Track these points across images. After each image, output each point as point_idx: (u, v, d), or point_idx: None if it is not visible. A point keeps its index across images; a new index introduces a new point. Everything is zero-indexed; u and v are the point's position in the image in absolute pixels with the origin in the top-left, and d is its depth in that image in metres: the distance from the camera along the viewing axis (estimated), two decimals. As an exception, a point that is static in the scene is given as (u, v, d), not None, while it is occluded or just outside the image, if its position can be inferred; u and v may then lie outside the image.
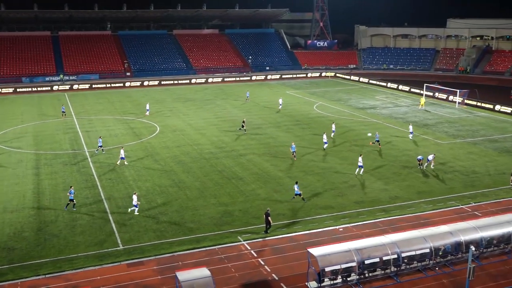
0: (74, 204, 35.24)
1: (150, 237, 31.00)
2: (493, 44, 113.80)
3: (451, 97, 77.75)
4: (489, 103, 72.22)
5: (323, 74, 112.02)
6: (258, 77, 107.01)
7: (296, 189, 36.72)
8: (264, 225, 31.67)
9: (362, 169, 42.22)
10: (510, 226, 29.09)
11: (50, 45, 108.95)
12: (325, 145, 50.05)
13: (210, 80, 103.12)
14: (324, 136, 50.71)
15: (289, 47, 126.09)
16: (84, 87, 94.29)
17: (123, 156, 45.24)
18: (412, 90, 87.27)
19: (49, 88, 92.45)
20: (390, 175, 42.32)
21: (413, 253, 26.86)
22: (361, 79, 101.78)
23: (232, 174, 42.26)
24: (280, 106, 70.76)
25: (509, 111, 68.53)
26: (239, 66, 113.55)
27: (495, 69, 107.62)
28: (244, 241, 30.43)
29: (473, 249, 25.01)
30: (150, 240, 30.63)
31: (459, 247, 27.73)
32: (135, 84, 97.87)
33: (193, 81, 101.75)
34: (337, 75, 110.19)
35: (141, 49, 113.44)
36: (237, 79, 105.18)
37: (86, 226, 32.45)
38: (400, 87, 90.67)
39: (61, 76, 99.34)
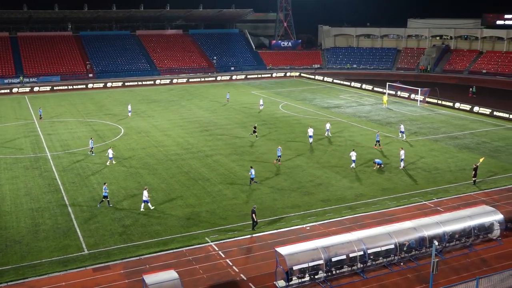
0: (108, 201, 35.63)
1: (116, 240, 30.55)
2: (452, 43, 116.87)
3: (412, 96, 79.46)
4: (449, 101, 74.12)
5: (288, 74, 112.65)
6: (223, 78, 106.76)
7: (251, 173, 39.33)
8: (251, 222, 31.98)
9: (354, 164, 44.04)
10: (470, 220, 29.93)
11: (8, 46, 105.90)
12: (311, 139, 51.51)
13: (174, 81, 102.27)
14: (310, 130, 51.88)
15: (254, 47, 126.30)
16: (45, 89, 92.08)
17: (111, 156, 45.14)
18: (376, 89, 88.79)
19: (8, 91, 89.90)
20: (355, 173, 42.93)
21: (378, 249, 27.31)
22: (326, 79, 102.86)
23: (199, 175, 42.08)
24: (261, 107, 70.61)
25: (468, 109, 70.49)
26: (204, 67, 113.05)
27: (454, 68, 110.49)
28: (211, 242, 30.34)
29: (436, 243, 25.62)
30: (116, 243, 30.18)
31: (423, 242, 28.35)
32: (98, 86, 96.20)
33: (158, 82, 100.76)
34: (302, 75, 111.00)
35: (104, 50, 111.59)
36: (202, 79, 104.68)
37: (50, 231, 31.73)
38: (364, 86, 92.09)
39: (21, 78, 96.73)
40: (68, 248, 29.65)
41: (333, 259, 26.29)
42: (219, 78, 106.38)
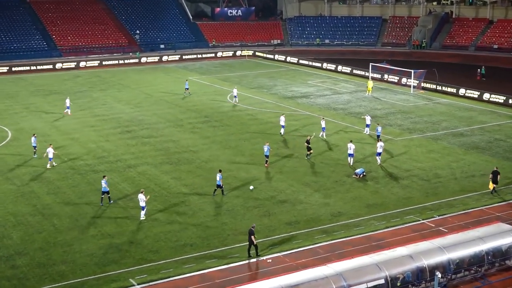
0: (109, 197, 39.96)
1: (3, 287, 29.74)
2: (454, 10, 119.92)
3: (404, 80, 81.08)
4: (451, 86, 76.04)
5: (238, 53, 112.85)
6: (150, 59, 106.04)
7: (218, 178, 40.58)
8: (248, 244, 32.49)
9: (352, 159, 47.52)
10: (483, 243, 30.62)
11: None
12: (282, 130, 55.86)
13: (82, 64, 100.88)
14: (281, 118, 56.01)
15: (191, 17, 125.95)
16: None
17: (51, 156, 46.70)
18: (355, 71, 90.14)
19: None
20: (331, 185, 43.38)
21: (364, 286, 27.57)
22: (289, 59, 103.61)
23: (119, 193, 41.54)
24: (236, 99, 70.09)
25: (476, 96, 72.54)
26: (123, 45, 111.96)
27: (457, 42, 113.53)
28: (138, 284, 29.99)
29: (439, 275, 26.09)
30: (4, 292, 29.43)
31: (421, 274, 28.80)
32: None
33: (58, 66, 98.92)
34: (257, 53, 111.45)
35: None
36: (121, 62, 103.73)
37: None
38: (340, 68, 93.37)
39: None
40: None
41: (304, 302, 26.37)
42: (144, 59, 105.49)
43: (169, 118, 63.00)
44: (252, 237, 32.16)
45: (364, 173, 44.73)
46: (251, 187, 42.15)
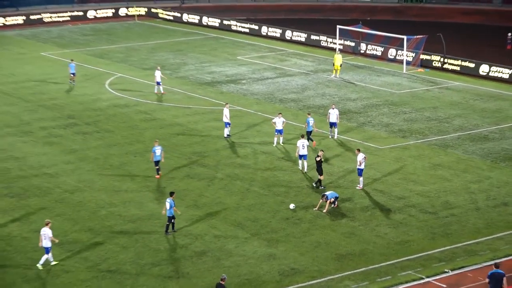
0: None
1: None
2: None
3: (392, 52, 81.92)
4: (466, 60, 77.04)
5: (123, 11, 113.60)
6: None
7: (168, 206, 41.93)
8: None
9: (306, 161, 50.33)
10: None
11: None
12: (226, 129, 58.58)
13: None
14: (225, 112, 57.88)
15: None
16: None
17: None
18: (313, 38, 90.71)
19: None
20: (278, 224, 43.06)
21: None
22: (206, 20, 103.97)
23: None
24: (160, 86, 70.62)
25: (507, 76, 73.54)
26: None
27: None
28: None
29: None
30: None
31: None
32: None
33: None
34: (153, 12, 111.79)
35: None
36: None
37: None
38: (289, 34, 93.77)
39: None
40: None
41: None
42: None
43: (9, 121, 62.40)
44: None
45: (335, 204, 44.42)
46: (292, 206, 44.60)
